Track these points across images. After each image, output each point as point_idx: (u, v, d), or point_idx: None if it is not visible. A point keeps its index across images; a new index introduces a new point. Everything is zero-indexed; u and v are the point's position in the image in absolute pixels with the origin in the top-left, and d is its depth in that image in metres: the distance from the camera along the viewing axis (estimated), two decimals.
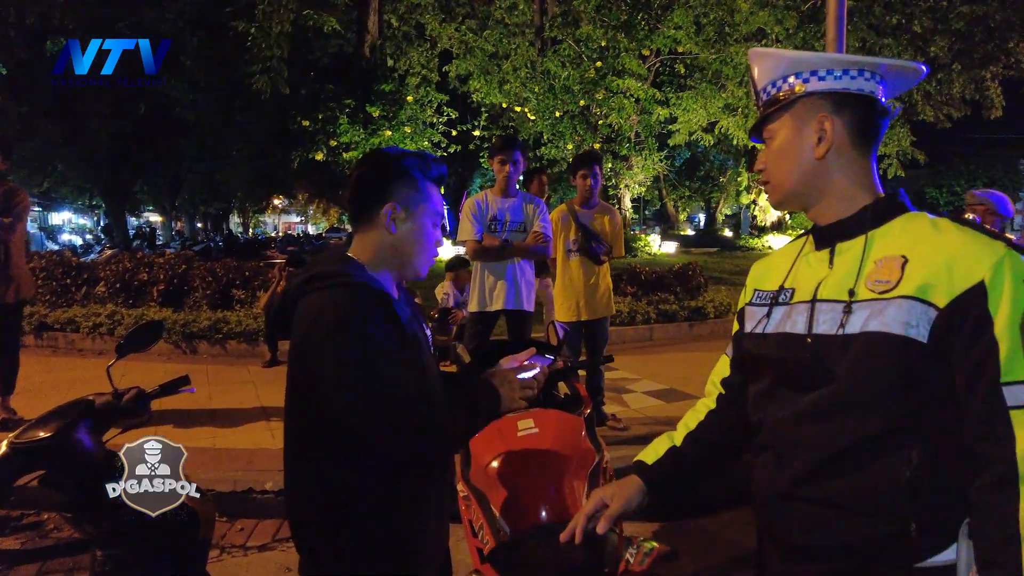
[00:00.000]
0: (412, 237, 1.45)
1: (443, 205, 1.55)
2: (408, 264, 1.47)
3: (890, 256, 1.08)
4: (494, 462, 2.08)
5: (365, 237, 1.46)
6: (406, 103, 13.47)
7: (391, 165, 1.46)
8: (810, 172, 1.17)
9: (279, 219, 57.38)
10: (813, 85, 1.15)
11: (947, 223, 1.09)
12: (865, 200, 1.16)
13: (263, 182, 23.82)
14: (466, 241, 4.11)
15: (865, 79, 1.15)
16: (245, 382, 5.90)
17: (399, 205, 1.43)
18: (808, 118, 1.16)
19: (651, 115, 15.04)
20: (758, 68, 1.24)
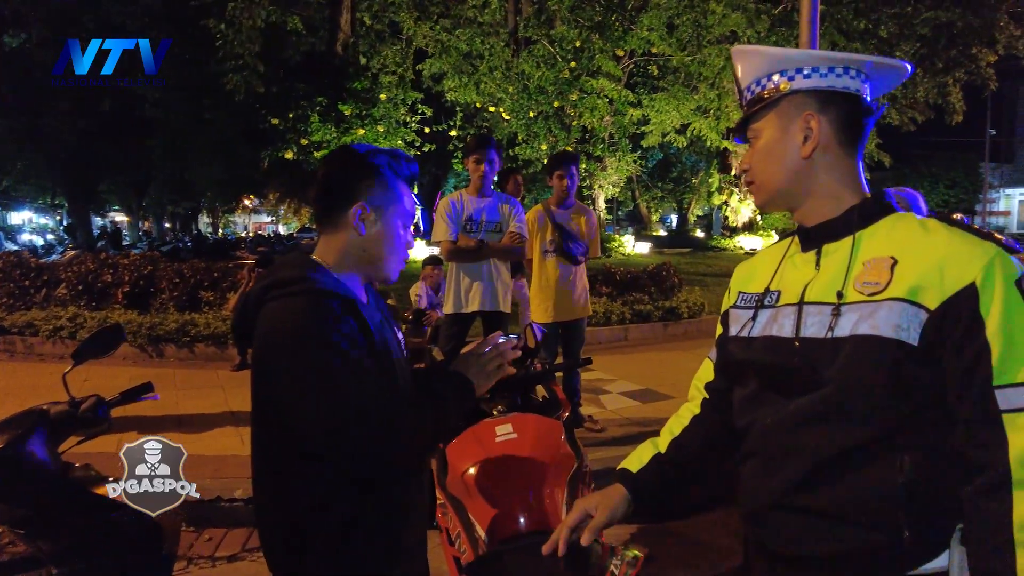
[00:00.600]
0: (382, 239, 1.38)
1: (415, 205, 1.49)
2: (378, 267, 1.41)
3: (879, 257, 1.05)
4: (471, 469, 2.03)
5: (332, 238, 1.40)
6: (379, 101, 13.34)
7: (360, 163, 1.39)
8: (796, 171, 1.15)
9: (249, 219, 56.52)
10: (798, 83, 1.13)
11: (935, 223, 1.07)
12: (852, 200, 1.14)
13: (233, 181, 23.42)
14: (441, 242, 4.05)
15: (851, 77, 1.13)
16: (214, 386, 5.75)
17: (368, 205, 1.36)
18: (794, 116, 1.14)
19: (624, 116, 15.11)
20: (742, 66, 1.21)
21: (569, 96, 14.18)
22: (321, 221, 1.42)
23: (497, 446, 2.04)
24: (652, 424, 4.69)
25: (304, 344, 1.21)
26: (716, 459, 1.34)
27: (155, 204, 35.41)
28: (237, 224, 54.69)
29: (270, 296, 1.29)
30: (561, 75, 14.13)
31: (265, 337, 1.25)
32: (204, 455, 4.01)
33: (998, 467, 0.95)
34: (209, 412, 4.92)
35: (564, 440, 2.18)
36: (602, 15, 14.23)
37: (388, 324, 1.49)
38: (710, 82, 14.69)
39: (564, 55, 14.35)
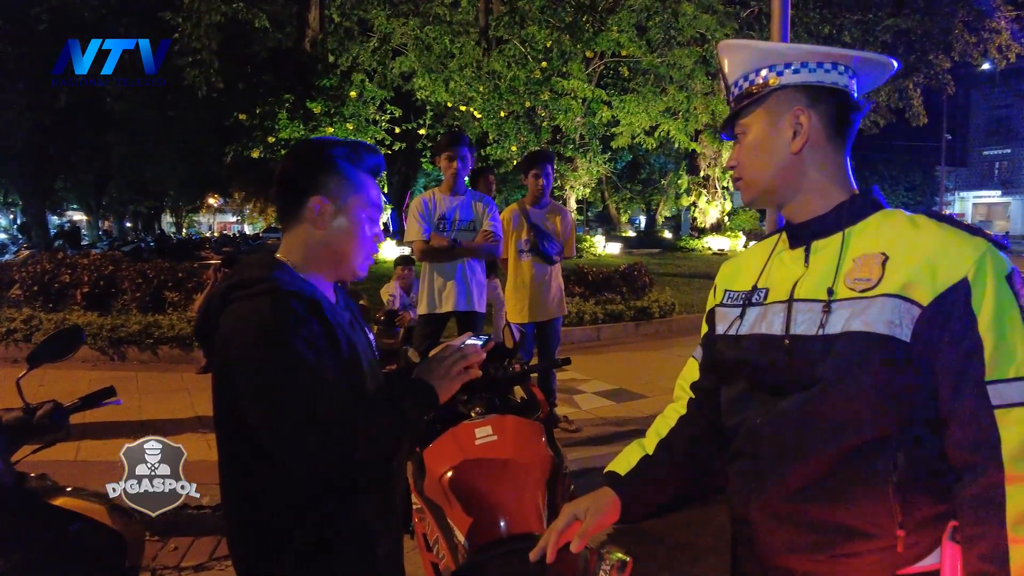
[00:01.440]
0: (344, 233, 1.32)
1: (380, 197, 1.42)
2: (343, 263, 1.35)
3: (869, 254, 1.05)
4: (449, 472, 1.98)
5: (294, 235, 1.34)
6: (348, 99, 13.17)
7: (317, 155, 1.34)
8: (785, 167, 1.13)
9: (214, 219, 55.51)
10: (787, 78, 1.11)
11: (925, 219, 1.06)
12: (841, 197, 1.13)
13: (197, 180, 22.92)
14: (413, 241, 3.98)
15: (839, 72, 1.12)
16: (178, 390, 5.57)
17: (327, 198, 1.30)
18: (783, 112, 1.12)
19: (596, 117, 15.18)
20: (729, 61, 1.19)
21: (540, 96, 14.19)
22: (282, 218, 1.37)
23: (476, 449, 1.99)
24: (627, 424, 4.69)
25: (264, 347, 1.17)
26: (705, 459, 1.31)
27: (116, 203, 34.45)
28: (202, 224, 53.68)
29: (233, 296, 1.24)
30: (532, 75, 14.13)
31: (226, 339, 1.22)
32: None
33: (992, 463, 0.94)
34: (174, 417, 4.76)
35: (544, 441, 2.14)
36: (573, 16, 14.27)
37: (358, 325, 1.44)
38: (679, 84, 14.85)
39: (535, 55, 14.36)
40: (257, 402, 1.17)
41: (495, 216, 4.05)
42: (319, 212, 1.30)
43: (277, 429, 1.16)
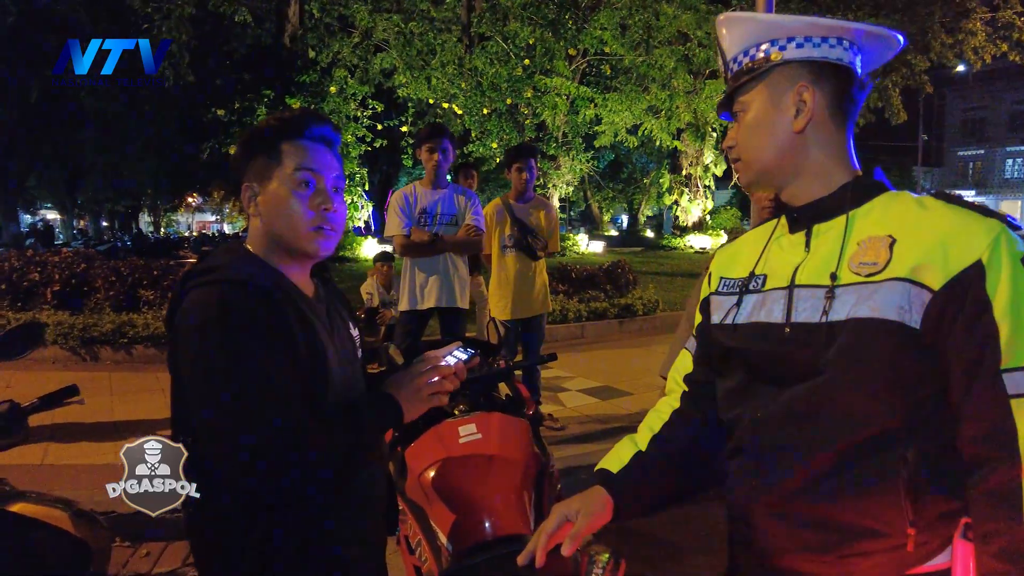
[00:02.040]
0: (273, 211, 1.23)
1: (319, 161, 1.25)
2: (285, 244, 1.24)
3: (875, 236, 0.99)
4: (432, 472, 1.90)
5: (250, 228, 1.31)
6: (329, 95, 13.01)
7: (244, 139, 1.29)
8: (787, 147, 1.07)
9: (193, 218, 54.81)
10: (790, 53, 1.05)
11: (932, 200, 1.01)
12: (844, 178, 1.07)
13: (174, 178, 22.53)
14: (393, 236, 3.90)
15: (844, 48, 1.06)
16: (153, 390, 5.42)
17: (253, 182, 1.25)
18: (785, 88, 1.06)
19: (579, 115, 15.17)
20: (728, 35, 1.12)
21: (523, 94, 14.13)
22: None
23: (461, 447, 1.92)
24: (612, 421, 4.65)
25: (205, 339, 1.11)
26: (700, 454, 1.24)
27: (91, 201, 33.81)
28: (180, 223, 53.00)
29: (188, 285, 1.19)
30: (515, 72, 14.06)
31: (175, 329, 1.17)
32: None
33: (1007, 455, 0.89)
34: (147, 418, 4.62)
35: (531, 439, 2.07)
36: (555, 13, 14.23)
37: (339, 319, 1.36)
38: (661, 83, 14.87)
39: (517, 52, 14.30)
40: (195, 400, 1.12)
41: (478, 210, 3.97)
42: (249, 199, 1.25)
43: (210, 430, 1.10)
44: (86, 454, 3.93)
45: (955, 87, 45.62)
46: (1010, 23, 17.03)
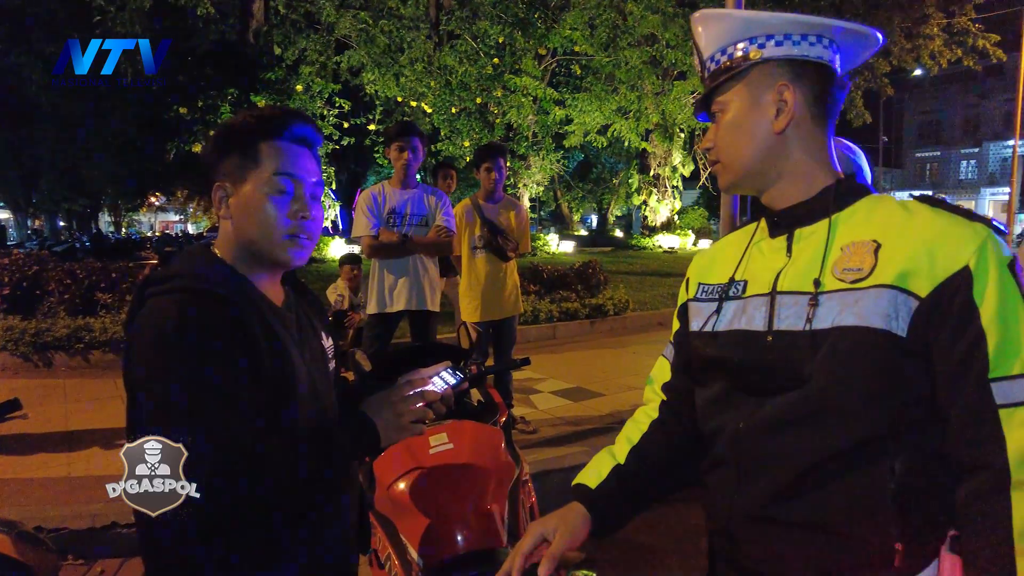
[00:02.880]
0: (245, 215, 1.15)
1: (300, 166, 1.18)
2: (255, 249, 1.17)
3: (859, 241, 0.96)
4: (402, 483, 1.83)
5: (220, 230, 1.22)
6: (295, 93, 12.76)
7: (218, 136, 1.20)
8: (768, 148, 1.03)
9: (156, 218, 53.55)
10: (770, 51, 1.02)
11: (917, 204, 0.98)
12: (825, 181, 1.04)
13: (136, 177, 21.87)
14: (361, 237, 3.80)
15: (823, 46, 1.03)
16: (111, 397, 5.22)
17: (226, 182, 1.17)
18: (765, 87, 1.02)
19: (548, 115, 15.16)
20: (704, 33, 1.08)
21: (493, 93, 14.07)
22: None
23: (431, 458, 1.85)
24: (584, 423, 4.61)
25: (159, 353, 1.03)
26: (681, 466, 1.21)
27: (47, 200, 32.66)
28: (142, 223, 51.71)
29: (146, 293, 1.11)
30: (484, 71, 13.99)
31: (129, 341, 1.08)
32: (96, 476, 3.59)
33: (995, 467, 0.87)
34: (104, 427, 4.44)
35: (503, 448, 2.02)
36: (525, 12, 14.19)
37: (310, 329, 1.28)
38: (630, 84, 14.93)
39: (487, 51, 14.23)
40: (147, 417, 1.03)
41: (448, 211, 3.90)
42: (220, 200, 1.17)
43: None
44: (37, 467, 3.74)
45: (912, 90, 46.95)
46: (965, 29, 17.55)
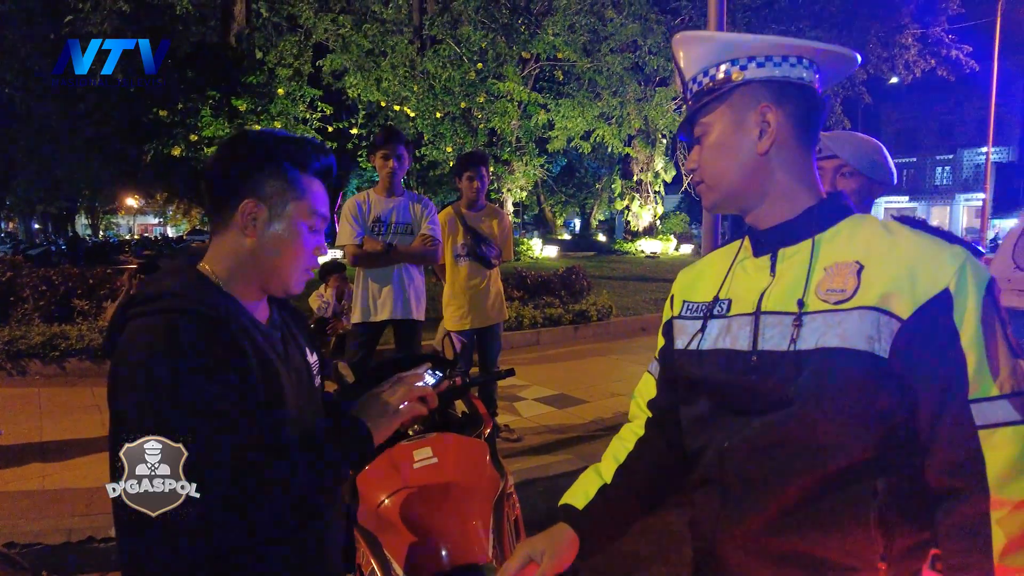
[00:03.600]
0: (278, 243, 1.16)
1: (327, 205, 1.25)
2: (273, 277, 1.18)
3: (842, 262, 0.97)
4: (386, 499, 1.81)
5: (221, 242, 1.17)
6: (277, 97, 12.66)
7: (254, 150, 1.16)
8: (752, 169, 1.04)
9: (134, 220, 52.82)
10: (752, 72, 1.03)
11: (898, 226, 1.00)
12: (808, 201, 1.05)
13: (114, 179, 21.54)
14: (345, 246, 3.77)
15: (804, 67, 1.04)
16: (87, 407, 5.12)
17: (262, 202, 1.14)
18: (748, 109, 1.03)
19: (532, 119, 15.20)
20: (685, 55, 1.09)
21: (476, 98, 14.07)
22: (211, 221, 1.19)
23: (415, 473, 1.84)
24: (568, 431, 4.62)
25: (150, 375, 0.99)
26: (668, 484, 1.21)
27: (21, 202, 32.04)
28: (121, 226, 50.97)
29: (131, 313, 1.07)
30: (468, 76, 13.99)
31: (114, 363, 1.04)
32: (72, 488, 3.52)
33: (975, 487, 0.88)
34: (80, 437, 4.36)
35: (488, 461, 2.01)
36: (508, 17, 14.23)
37: (295, 346, 1.27)
38: (613, 90, 15.02)
39: (470, 56, 14.23)
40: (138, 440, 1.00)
41: (434, 219, 3.88)
42: (251, 218, 1.13)
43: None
44: (9, 479, 3.66)
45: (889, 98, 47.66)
46: (939, 39, 17.91)
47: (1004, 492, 0.87)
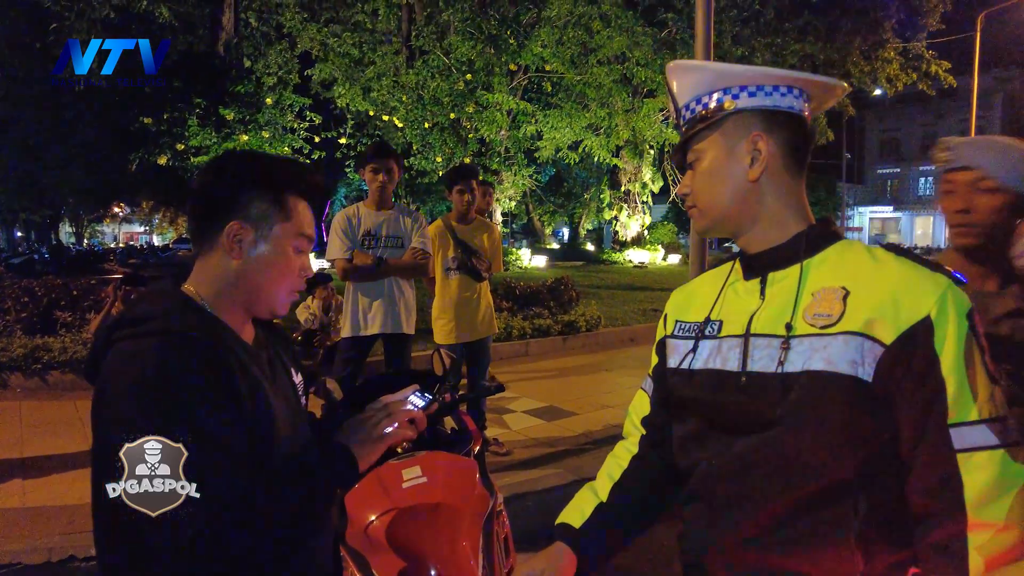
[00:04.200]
0: (265, 265, 1.15)
1: (314, 226, 1.24)
2: (259, 299, 1.17)
3: (829, 288, 1.00)
4: (375, 520, 1.80)
5: (206, 263, 1.15)
6: (265, 106, 12.61)
7: (241, 171, 1.16)
8: (743, 195, 1.07)
9: (120, 229, 52.33)
10: (743, 101, 1.06)
11: (884, 253, 1.02)
12: (798, 227, 1.07)
13: (99, 187, 21.32)
14: (335, 260, 3.75)
15: (795, 96, 1.06)
16: (70, 422, 5.03)
17: (248, 224, 1.13)
18: (740, 137, 1.06)
19: (520, 130, 15.26)
20: (679, 83, 1.12)
21: (465, 108, 14.11)
22: (196, 241, 1.18)
23: (404, 493, 1.82)
24: (558, 444, 4.61)
25: (140, 401, 0.98)
26: (662, 500, 1.24)
27: (4, 210, 31.67)
28: (106, 234, 50.48)
29: (117, 336, 1.05)
30: (456, 87, 14.03)
31: (100, 387, 1.02)
32: (53, 506, 3.46)
33: (953, 509, 0.91)
34: (63, 452, 4.28)
35: (478, 479, 1.99)
36: (496, 29, 14.30)
37: (280, 367, 1.25)
38: (601, 101, 15.12)
39: (459, 67, 14.28)
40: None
41: (424, 232, 3.88)
42: (236, 240, 1.12)
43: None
44: None
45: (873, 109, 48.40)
46: (919, 55, 18.24)
47: (981, 515, 0.89)
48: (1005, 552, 0.89)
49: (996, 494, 0.89)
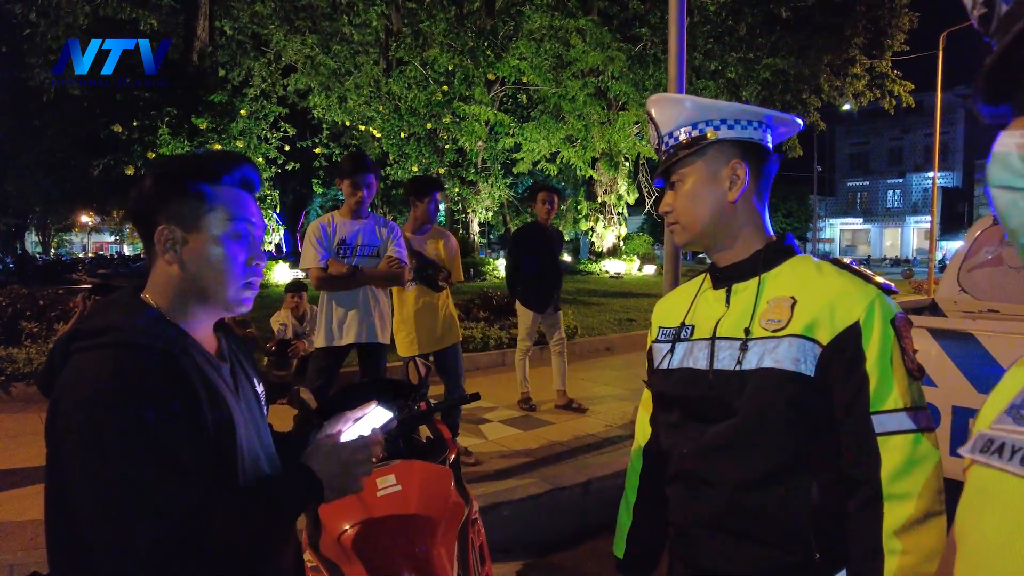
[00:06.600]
0: (200, 259, 1.13)
1: (252, 211, 1.20)
2: (209, 296, 1.15)
3: (781, 297, 1.17)
4: (349, 529, 1.79)
5: (155, 272, 1.15)
6: (239, 116, 12.49)
7: (160, 176, 1.15)
8: (722, 215, 1.23)
9: (89, 238, 51.25)
10: (724, 133, 1.21)
11: (829, 267, 1.19)
12: (758, 244, 1.24)
13: (67, 196, 20.88)
14: (310, 269, 3.73)
15: (762, 130, 1.23)
16: (35, 434, 4.91)
17: (173, 223, 1.12)
18: (721, 163, 1.22)
19: (498, 143, 15.34)
20: (662, 113, 1.26)
21: (442, 119, 14.15)
22: (145, 253, 1.18)
23: (379, 502, 1.82)
24: (535, 454, 4.60)
25: (96, 414, 0.97)
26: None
27: None
28: (74, 243, 49.42)
29: (74, 347, 1.04)
30: (434, 97, 14.07)
31: (56, 400, 1.01)
32: (16, 521, 3.37)
33: (872, 483, 1.07)
34: (25, 466, 4.18)
35: (453, 488, 2.00)
36: (475, 41, 14.39)
37: (244, 377, 1.24)
38: (576, 114, 15.28)
39: (437, 78, 14.33)
40: (83, 483, 0.97)
41: (400, 242, 3.87)
42: (168, 242, 1.12)
43: (102, 517, 0.96)
44: None
45: (843, 124, 49.55)
46: (884, 74, 18.77)
47: (893, 486, 1.06)
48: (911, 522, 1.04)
49: (908, 469, 1.05)
